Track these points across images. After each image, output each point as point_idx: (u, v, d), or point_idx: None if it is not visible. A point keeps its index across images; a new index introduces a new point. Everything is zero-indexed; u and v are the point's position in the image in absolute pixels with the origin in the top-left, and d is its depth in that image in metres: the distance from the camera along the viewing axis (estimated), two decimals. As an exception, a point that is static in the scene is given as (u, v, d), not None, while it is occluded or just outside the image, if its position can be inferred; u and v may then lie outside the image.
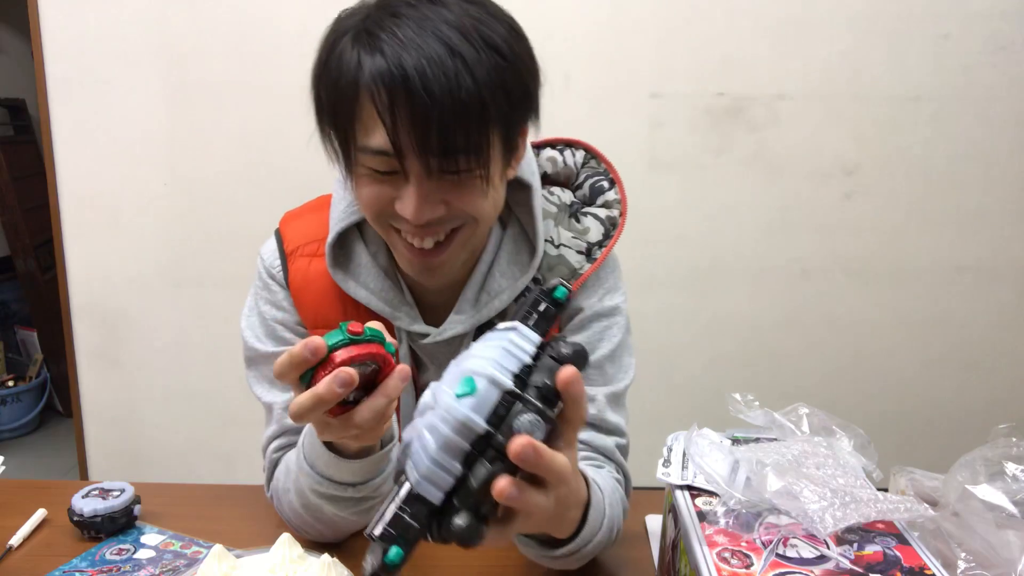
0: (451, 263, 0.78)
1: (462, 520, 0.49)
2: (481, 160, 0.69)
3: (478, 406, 0.50)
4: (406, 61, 0.64)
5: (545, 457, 0.50)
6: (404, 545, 0.51)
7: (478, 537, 0.50)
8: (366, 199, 0.74)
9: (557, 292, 0.56)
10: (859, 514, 0.61)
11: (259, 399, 0.88)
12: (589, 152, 0.90)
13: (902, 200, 1.89)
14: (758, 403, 0.76)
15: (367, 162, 0.71)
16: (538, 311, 0.55)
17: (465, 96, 0.65)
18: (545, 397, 0.51)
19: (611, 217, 0.87)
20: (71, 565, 0.80)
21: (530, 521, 0.57)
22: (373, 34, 0.67)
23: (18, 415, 2.85)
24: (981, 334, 1.97)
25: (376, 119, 0.67)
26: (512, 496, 0.49)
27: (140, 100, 1.84)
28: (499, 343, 0.53)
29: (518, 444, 0.48)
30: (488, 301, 0.83)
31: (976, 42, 1.79)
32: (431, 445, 0.50)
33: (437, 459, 0.50)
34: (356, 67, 0.67)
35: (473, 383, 0.50)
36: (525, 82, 0.71)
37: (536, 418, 0.50)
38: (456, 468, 0.50)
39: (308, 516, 0.80)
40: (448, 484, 0.50)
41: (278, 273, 0.87)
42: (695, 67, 1.81)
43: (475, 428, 0.50)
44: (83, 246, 1.93)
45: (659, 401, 1.89)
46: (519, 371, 0.52)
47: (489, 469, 0.49)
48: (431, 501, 0.51)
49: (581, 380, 0.52)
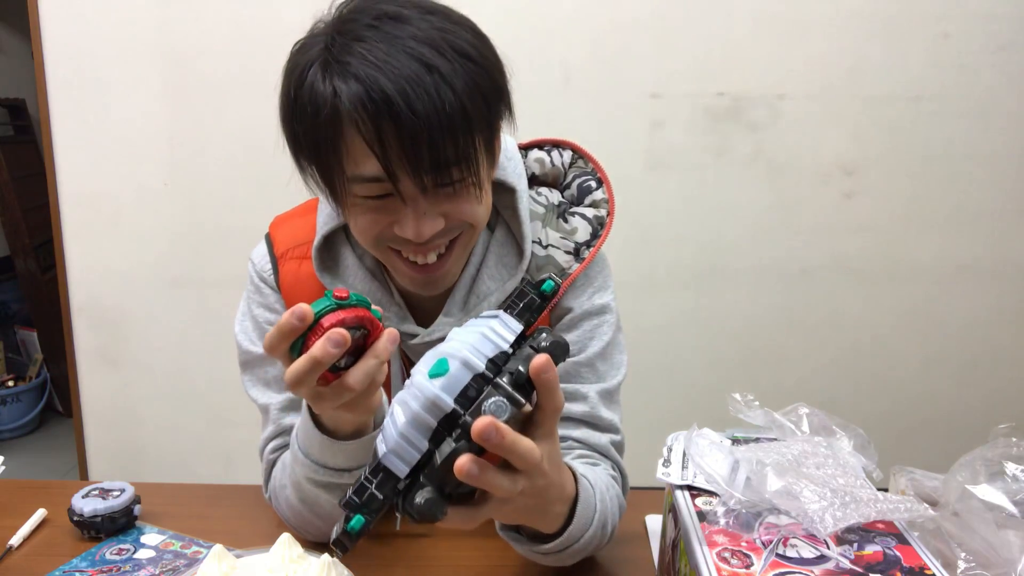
0: (453, 272, 0.79)
1: (423, 496, 0.51)
2: (472, 168, 0.70)
3: (448, 386, 0.52)
4: (384, 84, 0.63)
5: (508, 438, 0.51)
6: (367, 514, 0.53)
7: (439, 513, 0.52)
8: (363, 228, 0.74)
9: (545, 285, 0.57)
10: (859, 514, 0.61)
11: (255, 401, 0.88)
12: (577, 152, 0.91)
13: (902, 200, 1.89)
14: (758, 403, 0.76)
15: (359, 191, 0.70)
16: (523, 302, 0.57)
17: (449, 109, 0.65)
18: (517, 383, 0.52)
19: (599, 217, 0.87)
20: (71, 565, 0.80)
21: (505, 509, 0.58)
22: (342, 61, 0.65)
23: (18, 415, 2.85)
24: (981, 334, 1.97)
25: (363, 148, 0.66)
26: (472, 474, 0.50)
27: (140, 100, 1.84)
28: (478, 329, 0.55)
29: (481, 423, 0.49)
30: (477, 303, 0.83)
31: (976, 42, 1.79)
32: (400, 420, 0.52)
33: (405, 434, 0.52)
34: (332, 97, 0.65)
35: (446, 364, 0.52)
36: (497, 81, 0.71)
37: (503, 401, 0.51)
38: (423, 444, 0.52)
39: (305, 511, 0.80)
40: (414, 459, 0.52)
41: (269, 276, 0.87)
42: (695, 67, 1.81)
43: (443, 406, 0.51)
44: (83, 246, 1.93)
45: (659, 401, 1.89)
46: (495, 356, 0.53)
47: (453, 447, 0.51)
48: (396, 475, 0.52)
49: (554, 368, 0.53)
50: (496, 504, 0.57)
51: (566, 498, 0.67)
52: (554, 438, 0.59)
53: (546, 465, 0.57)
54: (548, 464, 0.58)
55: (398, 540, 0.86)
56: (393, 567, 0.81)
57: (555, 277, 0.58)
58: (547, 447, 0.57)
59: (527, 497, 0.59)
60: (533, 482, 0.57)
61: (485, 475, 0.51)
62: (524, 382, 0.52)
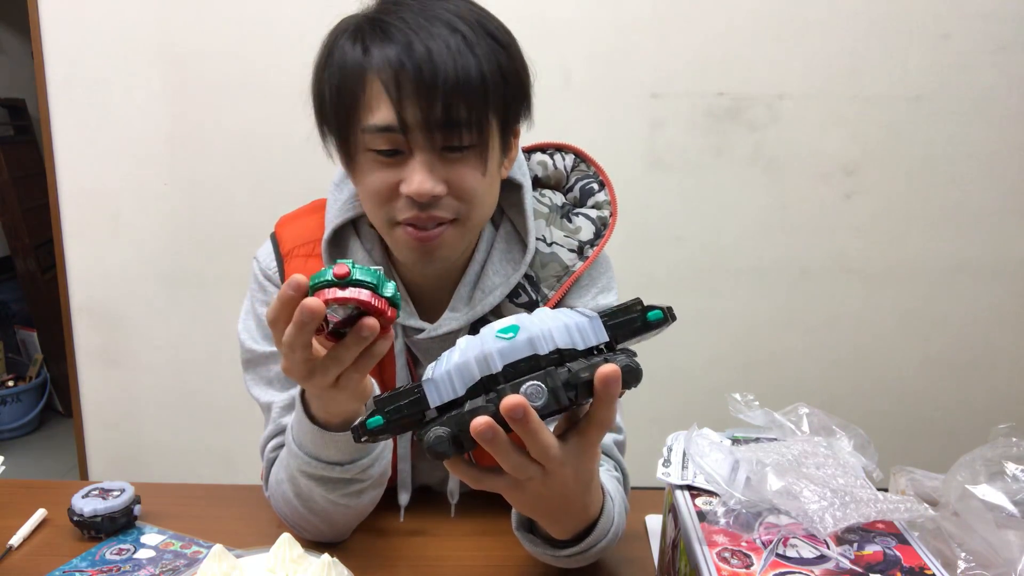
0: (451, 250, 0.79)
1: (436, 433, 0.53)
2: (481, 136, 0.72)
3: (506, 351, 0.53)
4: (413, 40, 0.68)
5: (532, 424, 0.51)
6: (387, 420, 0.55)
7: (447, 452, 0.53)
8: (371, 186, 0.75)
9: (652, 313, 0.56)
10: (859, 514, 0.61)
11: (257, 400, 0.89)
12: (579, 156, 0.92)
13: (902, 200, 1.89)
14: (758, 403, 0.76)
15: (371, 142, 0.72)
16: (623, 317, 0.56)
17: (467, 72, 0.69)
18: (570, 383, 0.52)
19: (602, 217, 0.89)
20: (71, 565, 0.80)
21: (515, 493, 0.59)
22: (378, 22, 0.71)
23: (18, 415, 2.85)
24: (981, 334, 1.97)
25: (381, 98, 0.70)
26: (485, 436, 0.51)
27: (140, 100, 1.84)
28: (566, 319, 0.55)
29: (511, 400, 0.50)
30: (482, 298, 0.84)
31: (976, 42, 1.79)
32: (454, 359, 0.54)
33: (450, 372, 0.54)
34: (363, 54, 0.71)
35: (516, 329, 0.54)
36: (519, 72, 0.75)
37: (542, 388, 0.52)
38: (460, 389, 0.54)
39: (301, 506, 0.80)
40: (447, 397, 0.54)
41: (274, 274, 0.88)
42: (695, 67, 1.81)
43: (491, 365, 0.53)
44: (83, 246, 1.93)
45: (659, 401, 1.89)
46: (565, 350, 0.54)
47: (481, 405, 0.52)
48: (427, 401, 0.55)
49: (620, 383, 0.52)
50: (510, 484, 0.58)
51: (587, 518, 0.68)
52: (590, 455, 0.59)
53: (570, 476, 0.57)
54: (574, 479, 0.58)
55: (399, 539, 0.86)
56: (394, 566, 0.81)
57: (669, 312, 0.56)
58: (578, 460, 0.57)
59: (541, 497, 0.60)
60: (548, 483, 0.57)
61: (497, 443, 0.52)
62: (579, 385, 0.52)
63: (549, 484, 0.57)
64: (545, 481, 0.57)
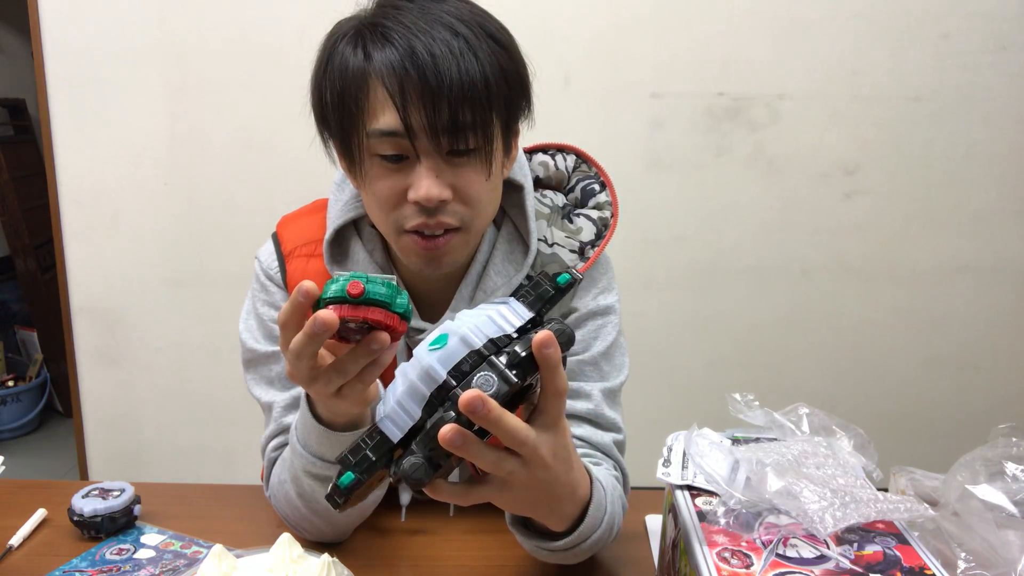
0: (455, 254, 0.79)
1: (409, 462, 0.53)
2: (486, 139, 0.72)
3: (444, 358, 0.53)
4: (415, 44, 0.68)
5: (494, 412, 0.51)
6: (359, 473, 0.55)
7: (424, 480, 0.53)
8: (379, 194, 0.75)
9: (560, 277, 0.58)
10: (859, 514, 0.61)
11: (258, 400, 0.88)
12: (580, 156, 0.92)
13: (902, 200, 1.89)
14: (758, 403, 0.76)
15: (377, 147, 0.72)
16: (537, 291, 0.58)
17: (471, 76, 0.69)
18: (512, 363, 0.53)
19: (603, 218, 0.89)
20: (71, 565, 0.80)
21: (506, 495, 0.59)
22: (378, 25, 0.71)
23: (18, 415, 2.85)
24: (981, 334, 1.97)
25: (385, 103, 0.70)
26: (454, 442, 0.51)
27: (140, 100, 1.84)
28: (486, 311, 0.56)
29: (468, 395, 0.50)
30: (483, 298, 0.84)
31: (976, 42, 1.79)
32: (399, 388, 0.55)
33: (401, 401, 0.54)
34: (364, 58, 0.70)
35: (445, 338, 0.54)
36: (521, 73, 0.75)
37: (492, 376, 0.52)
38: (416, 412, 0.54)
39: (303, 506, 0.80)
40: (406, 425, 0.54)
41: (276, 274, 0.88)
42: (695, 67, 1.81)
43: (435, 376, 0.53)
44: (83, 246, 1.93)
45: (659, 401, 1.90)
46: (496, 338, 0.55)
47: (440, 416, 0.52)
48: (390, 439, 0.54)
49: (557, 345, 0.53)
50: (496, 487, 0.58)
51: (578, 500, 0.67)
52: (559, 429, 0.59)
53: (547, 456, 0.57)
54: (552, 457, 0.58)
55: (400, 539, 0.86)
56: (394, 566, 0.81)
57: (573, 271, 0.59)
58: (550, 437, 0.57)
59: (530, 489, 0.59)
60: (530, 470, 0.57)
61: (469, 445, 0.52)
62: (521, 362, 0.53)
63: (532, 471, 0.57)
64: (527, 470, 0.57)
